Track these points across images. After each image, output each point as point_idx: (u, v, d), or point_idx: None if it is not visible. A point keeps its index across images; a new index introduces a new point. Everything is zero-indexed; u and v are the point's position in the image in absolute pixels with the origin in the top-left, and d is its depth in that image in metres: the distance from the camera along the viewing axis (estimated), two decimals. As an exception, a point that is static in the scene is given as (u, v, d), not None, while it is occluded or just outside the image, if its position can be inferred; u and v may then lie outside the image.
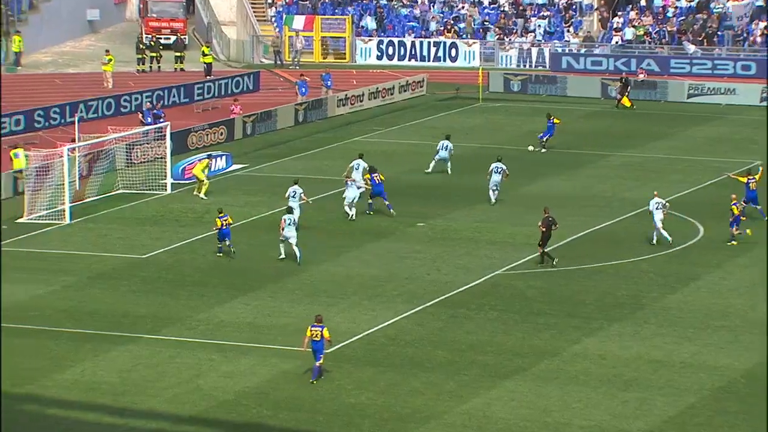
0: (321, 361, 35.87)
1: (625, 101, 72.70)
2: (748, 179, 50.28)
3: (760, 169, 52.91)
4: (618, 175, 58.24)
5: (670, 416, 33.69)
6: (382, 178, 51.32)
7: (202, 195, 53.98)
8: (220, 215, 46.58)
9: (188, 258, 46.88)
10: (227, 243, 46.34)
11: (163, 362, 37.20)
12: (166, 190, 55.51)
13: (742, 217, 47.85)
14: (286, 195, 49.28)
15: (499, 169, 52.21)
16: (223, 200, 53.75)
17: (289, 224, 45.85)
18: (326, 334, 35.88)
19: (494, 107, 74.04)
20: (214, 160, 58.79)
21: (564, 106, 74.09)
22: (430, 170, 57.37)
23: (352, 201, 50.75)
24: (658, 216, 47.54)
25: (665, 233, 47.41)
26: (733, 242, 47.62)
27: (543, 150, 62.26)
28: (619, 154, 62.43)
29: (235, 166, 60.04)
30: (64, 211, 51.53)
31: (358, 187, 51.19)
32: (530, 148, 62.28)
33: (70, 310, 41.34)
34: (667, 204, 48.07)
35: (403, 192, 55.31)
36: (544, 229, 45.21)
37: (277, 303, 42.14)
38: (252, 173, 59.40)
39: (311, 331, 35.94)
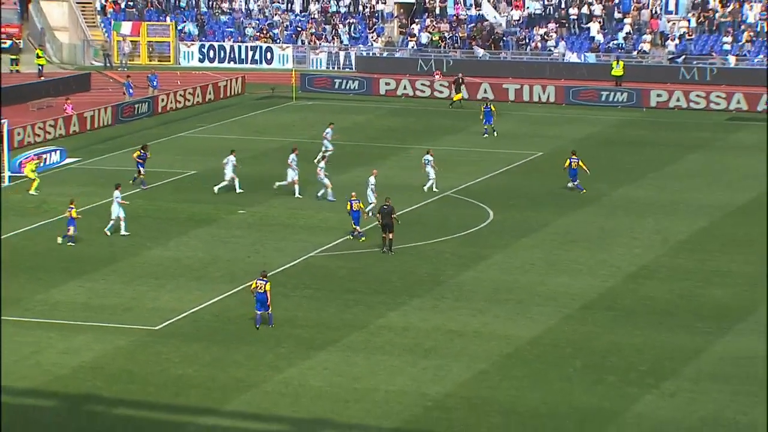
0: (270, 311, 37.29)
1: (457, 97, 73.16)
2: (571, 159, 53.16)
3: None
4: (418, 166, 58.78)
5: (464, 380, 34.24)
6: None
7: (32, 191, 52.77)
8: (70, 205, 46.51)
9: (26, 244, 46.08)
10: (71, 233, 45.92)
11: (2, 341, 36.49)
12: (3, 182, 54.44)
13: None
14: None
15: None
16: (58, 191, 52.93)
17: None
18: (268, 287, 37.37)
19: (307, 105, 74.15)
20: (48, 154, 57.92)
21: (370, 104, 74.61)
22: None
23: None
24: None
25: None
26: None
27: (495, 134, 64.01)
28: (418, 147, 63.02)
29: (68, 160, 59.13)
30: None
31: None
32: (488, 134, 64.15)
33: None
34: None
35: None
36: (380, 217, 45.01)
37: (110, 285, 41.68)
38: (84, 166, 58.57)
39: (256, 283, 37.31)
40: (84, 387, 33.55)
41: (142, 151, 54.16)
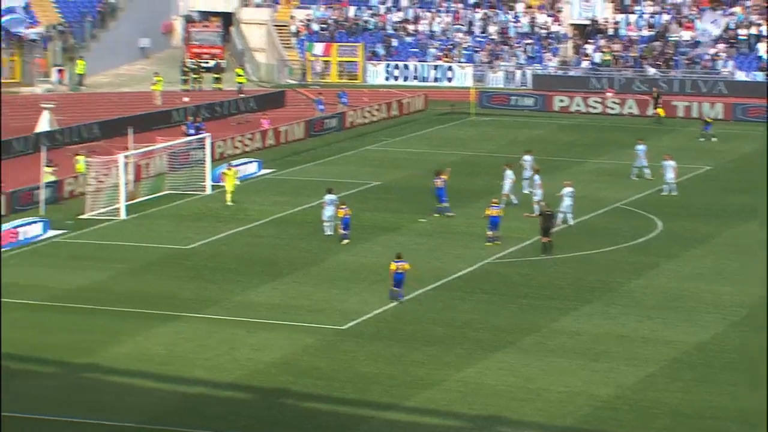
0: (402, 288, 39.29)
1: (660, 111, 72.26)
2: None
3: None
4: (591, 179, 58.17)
5: (633, 383, 33.67)
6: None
7: (229, 202, 53.04)
8: (341, 206, 47.02)
9: (225, 249, 46.85)
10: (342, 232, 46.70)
11: (204, 337, 37.19)
12: (206, 191, 55.53)
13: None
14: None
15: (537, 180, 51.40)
16: (253, 200, 53.75)
17: (328, 204, 47.07)
18: (407, 266, 39.49)
19: (484, 120, 73.97)
20: (245, 166, 58.88)
21: (545, 120, 74.09)
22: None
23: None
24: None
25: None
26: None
27: (714, 139, 66.16)
28: (592, 161, 62.39)
29: (264, 171, 60.00)
30: (120, 208, 51.56)
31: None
32: (701, 139, 66.71)
33: (125, 293, 41.34)
34: None
35: (408, 192, 55.36)
36: (542, 221, 45.13)
37: (302, 287, 42.08)
38: (279, 177, 59.36)
39: (395, 265, 39.34)
40: (275, 381, 33.92)
41: (441, 176, 50.43)
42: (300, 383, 33.78)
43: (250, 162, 60.05)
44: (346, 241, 46.52)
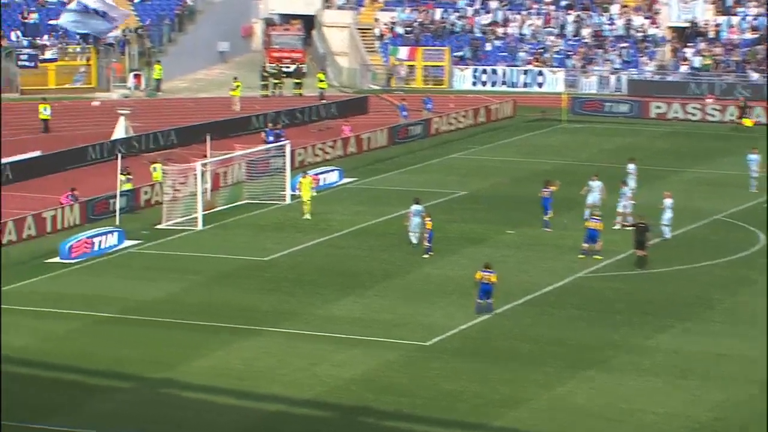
0: (491, 300, 39.37)
1: (747, 122, 71.66)
2: None
3: None
4: (689, 189, 57.61)
5: (734, 405, 33.23)
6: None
7: (306, 216, 52.98)
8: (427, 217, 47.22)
9: (305, 260, 47.05)
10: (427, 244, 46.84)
11: (283, 352, 37.35)
12: (285, 200, 55.80)
13: None
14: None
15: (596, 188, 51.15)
16: (334, 209, 53.90)
17: (415, 215, 47.15)
18: (494, 278, 39.29)
19: (576, 128, 73.58)
20: (326, 174, 59.03)
21: (642, 127, 73.54)
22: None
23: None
24: None
25: None
26: None
27: None
28: (690, 170, 61.79)
29: (345, 180, 60.17)
30: (197, 218, 52.01)
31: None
32: None
33: (202, 305, 41.66)
34: None
35: (495, 202, 55.22)
36: (636, 233, 44.88)
37: (385, 301, 42.12)
38: (360, 186, 59.49)
39: (481, 274, 39.34)
40: (356, 398, 33.95)
41: (549, 187, 50.28)
42: (382, 401, 33.78)
43: (332, 170, 60.25)
44: (427, 255, 46.46)
